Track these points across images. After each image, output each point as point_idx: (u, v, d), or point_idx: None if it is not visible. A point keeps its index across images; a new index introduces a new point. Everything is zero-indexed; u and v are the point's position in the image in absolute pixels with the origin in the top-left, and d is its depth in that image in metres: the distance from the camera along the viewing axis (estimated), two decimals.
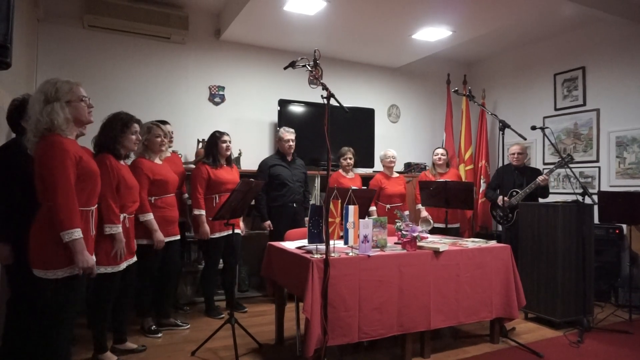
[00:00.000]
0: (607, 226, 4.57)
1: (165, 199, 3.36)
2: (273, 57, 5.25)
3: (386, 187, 4.65)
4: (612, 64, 4.93)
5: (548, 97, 5.59)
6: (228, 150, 3.86)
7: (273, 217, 4.16)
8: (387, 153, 4.77)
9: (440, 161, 4.78)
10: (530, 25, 5.17)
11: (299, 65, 2.63)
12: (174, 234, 3.44)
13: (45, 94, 2.07)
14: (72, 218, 2.00)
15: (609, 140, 4.94)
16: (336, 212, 2.64)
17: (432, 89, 6.41)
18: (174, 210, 3.46)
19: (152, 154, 3.35)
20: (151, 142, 3.32)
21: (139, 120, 2.97)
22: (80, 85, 2.21)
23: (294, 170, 4.28)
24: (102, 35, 4.45)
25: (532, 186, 4.24)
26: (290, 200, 4.18)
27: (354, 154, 4.61)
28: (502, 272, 3.19)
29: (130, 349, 3.01)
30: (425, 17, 4.40)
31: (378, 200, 4.67)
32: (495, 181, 4.66)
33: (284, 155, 4.29)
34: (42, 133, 2.05)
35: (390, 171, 4.78)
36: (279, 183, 4.17)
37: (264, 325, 3.57)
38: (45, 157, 2.01)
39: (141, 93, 4.64)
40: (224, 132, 3.89)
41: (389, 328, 2.72)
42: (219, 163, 3.81)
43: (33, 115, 2.06)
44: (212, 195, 3.75)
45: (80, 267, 2.03)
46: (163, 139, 3.38)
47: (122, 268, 2.77)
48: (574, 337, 3.37)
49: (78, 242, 2.01)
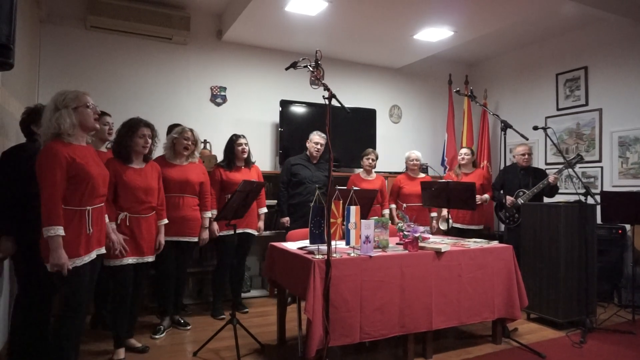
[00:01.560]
0: (609, 226, 4.56)
1: (182, 199, 3.46)
2: (275, 58, 5.26)
3: (404, 186, 4.68)
4: (614, 64, 4.92)
5: (550, 97, 5.58)
6: (244, 153, 3.93)
7: (290, 215, 4.28)
8: (410, 155, 4.78)
9: (464, 161, 4.75)
10: (531, 25, 5.16)
11: (300, 65, 2.63)
12: (191, 235, 3.53)
13: (55, 102, 2.26)
14: (52, 216, 2.13)
15: (611, 140, 4.93)
16: (338, 213, 2.64)
17: (434, 89, 6.41)
18: (191, 211, 3.52)
19: (176, 154, 3.51)
20: (178, 142, 3.49)
21: (149, 124, 3.02)
22: (88, 95, 2.37)
23: (316, 172, 4.35)
24: (104, 36, 4.46)
25: (541, 186, 4.23)
26: (306, 200, 4.21)
27: (377, 156, 4.65)
28: (504, 272, 3.19)
29: (133, 347, 3.03)
30: (427, 17, 4.39)
31: (398, 199, 4.72)
32: (500, 181, 4.64)
33: (309, 157, 4.38)
34: (50, 138, 2.24)
35: (414, 172, 4.78)
36: (297, 181, 4.29)
37: (266, 326, 3.57)
38: (39, 160, 2.19)
39: (143, 94, 4.65)
40: (240, 135, 3.95)
41: (391, 328, 2.72)
42: (234, 165, 3.91)
43: (44, 122, 2.27)
44: (225, 195, 3.78)
45: (51, 264, 2.14)
46: (190, 144, 3.51)
47: (126, 262, 2.87)
48: (577, 337, 3.35)
49: (54, 239, 2.13)
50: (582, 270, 3.62)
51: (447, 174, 5.05)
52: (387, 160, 5.65)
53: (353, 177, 4.65)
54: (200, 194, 3.61)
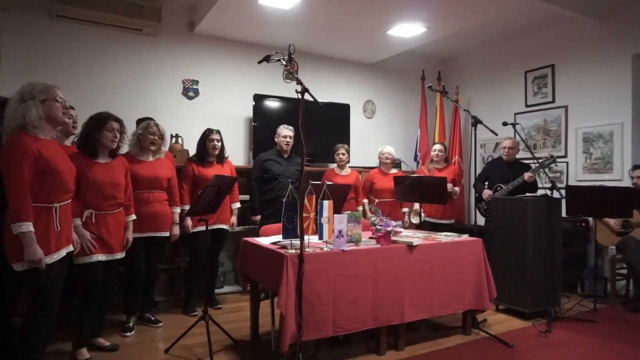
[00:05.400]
0: (574, 219, 4.72)
1: (151, 195, 3.38)
2: (248, 51, 5.19)
3: (377, 182, 4.70)
4: (579, 62, 5.08)
5: (519, 94, 5.72)
6: (215, 149, 3.86)
7: (263, 211, 4.23)
8: (383, 150, 4.79)
9: (437, 157, 4.77)
10: (502, 23, 5.27)
11: (273, 59, 2.61)
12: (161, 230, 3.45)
13: (22, 94, 2.19)
14: (21, 212, 2.06)
15: (576, 136, 5.09)
16: (311, 207, 2.64)
17: (408, 85, 6.47)
18: (161, 207, 3.45)
19: (143, 150, 3.41)
20: (144, 138, 3.40)
21: (118, 118, 2.93)
22: (58, 89, 2.29)
23: (288, 167, 4.31)
24: (70, 25, 4.30)
25: (516, 183, 4.25)
26: (279, 195, 4.18)
27: (347, 149, 4.65)
28: (474, 265, 3.26)
29: (102, 346, 2.96)
30: (400, 13, 4.42)
31: (370, 194, 4.74)
32: (484, 173, 4.70)
33: (280, 152, 4.33)
34: (13, 130, 2.15)
35: (387, 167, 4.81)
36: (269, 177, 4.24)
37: (239, 322, 3.54)
38: (3, 154, 2.11)
39: (111, 87, 4.52)
40: (213, 130, 3.89)
41: (364, 322, 2.75)
42: (207, 161, 3.84)
43: (8, 113, 2.18)
44: (198, 191, 3.71)
45: (26, 260, 2.08)
46: (156, 139, 3.42)
47: (95, 260, 2.78)
48: (543, 327, 3.47)
49: (26, 235, 2.07)
50: (548, 262, 3.74)
51: (420, 168, 5.10)
52: (360, 156, 5.69)
53: (328, 172, 4.66)
54: (168, 189, 3.53)
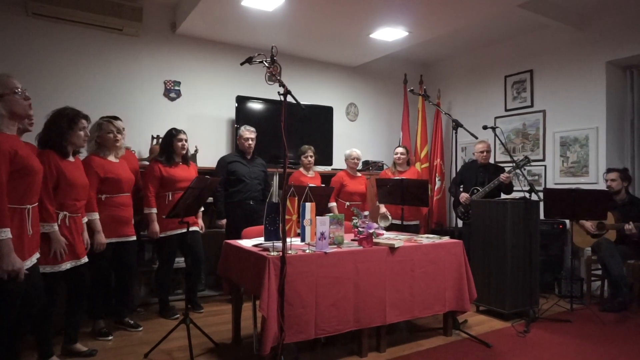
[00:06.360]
0: (551, 222, 4.83)
1: (118, 198, 3.27)
2: (231, 53, 5.17)
3: (347, 184, 4.69)
4: (556, 68, 5.21)
5: (499, 98, 5.83)
6: (183, 149, 3.78)
7: (229, 214, 4.14)
8: (351, 153, 4.80)
9: (400, 160, 4.85)
10: (482, 29, 5.37)
11: (255, 61, 2.60)
12: (128, 234, 3.34)
13: None
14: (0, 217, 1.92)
15: (554, 140, 5.21)
16: (293, 210, 2.64)
17: (390, 88, 6.52)
18: (128, 210, 3.35)
19: (106, 151, 3.27)
20: (104, 138, 3.25)
21: (86, 115, 2.84)
22: (12, 77, 2.10)
23: (252, 167, 4.26)
24: (48, 24, 4.22)
25: (492, 185, 4.37)
26: (246, 197, 4.15)
27: (314, 152, 4.63)
28: (455, 267, 3.30)
29: (79, 351, 2.89)
30: (383, 17, 4.46)
31: (339, 197, 4.72)
32: (460, 177, 4.77)
33: (243, 153, 4.28)
34: None
35: (354, 170, 4.82)
36: (235, 179, 4.16)
37: (221, 325, 3.52)
38: None
39: (91, 87, 4.44)
40: (180, 130, 3.80)
41: (346, 324, 2.75)
42: (173, 161, 3.74)
43: None
44: (165, 193, 3.67)
45: (5, 270, 1.94)
46: (116, 134, 3.29)
47: (65, 268, 2.65)
48: (521, 327, 3.54)
49: (5, 242, 1.92)
50: (526, 264, 3.81)
51: (384, 171, 5.16)
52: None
53: (295, 174, 4.58)
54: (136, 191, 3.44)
